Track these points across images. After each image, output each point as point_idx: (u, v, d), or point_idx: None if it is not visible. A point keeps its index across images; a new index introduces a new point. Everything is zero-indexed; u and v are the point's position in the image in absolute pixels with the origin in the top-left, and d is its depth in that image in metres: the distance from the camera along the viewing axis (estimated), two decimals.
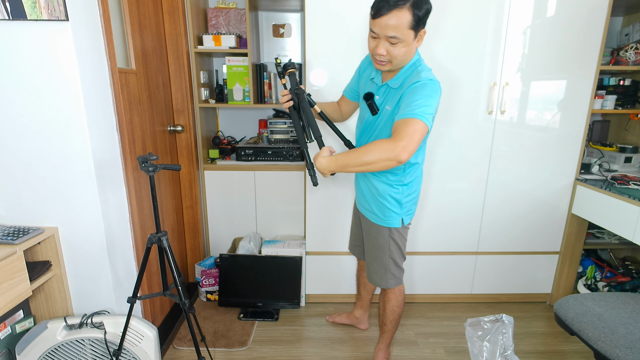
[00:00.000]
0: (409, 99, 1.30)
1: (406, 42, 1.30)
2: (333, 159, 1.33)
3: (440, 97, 1.36)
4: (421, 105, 1.26)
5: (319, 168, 1.35)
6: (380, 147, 1.23)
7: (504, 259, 2.28)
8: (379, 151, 1.23)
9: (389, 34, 1.27)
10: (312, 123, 1.47)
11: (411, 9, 1.23)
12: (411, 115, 1.24)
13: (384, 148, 1.22)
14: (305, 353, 1.92)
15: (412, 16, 1.24)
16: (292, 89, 1.52)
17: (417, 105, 1.26)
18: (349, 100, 1.72)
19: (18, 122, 1.32)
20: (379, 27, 1.28)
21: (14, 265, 1.22)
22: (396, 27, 1.25)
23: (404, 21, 1.24)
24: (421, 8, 1.25)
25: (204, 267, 2.28)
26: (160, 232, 1.39)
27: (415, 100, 1.28)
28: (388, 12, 1.24)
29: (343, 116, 1.79)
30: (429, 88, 1.31)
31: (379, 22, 1.27)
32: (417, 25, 1.27)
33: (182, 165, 2.26)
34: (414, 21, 1.25)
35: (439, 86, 1.34)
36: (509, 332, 1.35)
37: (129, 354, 1.46)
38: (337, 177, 2.12)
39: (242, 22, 2.27)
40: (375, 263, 1.66)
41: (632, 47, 2.08)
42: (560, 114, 2.05)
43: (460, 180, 2.13)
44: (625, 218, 1.79)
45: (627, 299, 1.43)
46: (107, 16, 1.44)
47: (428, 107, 1.27)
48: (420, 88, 1.31)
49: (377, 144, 1.25)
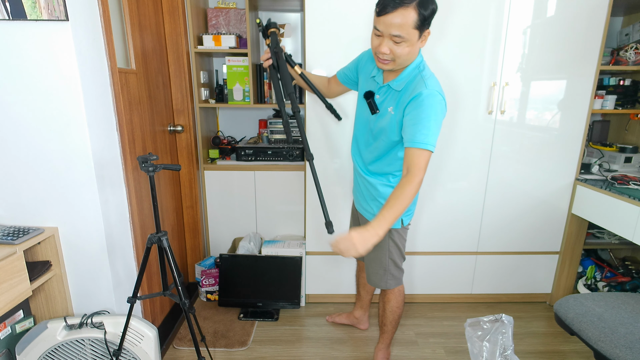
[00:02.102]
0: (417, 117, 1.30)
1: (410, 42, 1.28)
2: (374, 233, 1.22)
3: None
4: (431, 134, 1.29)
5: (365, 247, 1.20)
6: (407, 194, 1.28)
7: (503, 259, 2.28)
8: (408, 198, 1.28)
9: (393, 33, 1.25)
10: (286, 81, 1.46)
11: (417, 8, 1.21)
12: (424, 147, 1.29)
13: (411, 193, 1.29)
14: (305, 353, 1.92)
15: (418, 15, 1.22)
16: (272, 48, 1.50)
17: (427, 134, 1.29)
18: (340, 82, 1.70)
19: (18, 122, 1.32)
20: (384, 25, 1.26)
21: (14, 265, 1.22)
22: (401, 26, 1.23)
23: (409, 20, 1.22)
24: (427, 8, 1.23)
25: (204, 267, 2.28)
26: (160, 232, 1.39)
27: (424, 124, 1.29)
28: (393, 10, 1.22)
29: (329, 93, 1.76)
30: (437, 109, 1.30)
31: (384, 20, 1.25)
32: (422, 25, 1.25)
33: (182, 165, 2.26)
34: (419, 21, 1.23)
35: (445, 105, 1.34)
36: (508, 332, 1.35)
37: (129, 354, 1.46)
38: (337, 177, 2.12)
39: (242, 22, 2.27)
40: (375, 264, 1.66)
41: (632, 47, 2.08)
42: (560, 113, 2.05)
43: (460, 180, 2.14)
44: (625, 218, 1.79)
45: (627, 299, 1.43)
46: (107, 16, 1.44)
47: (437, 133, 1.31)
48: (428, 107, 1.29)
49: (403, 192, 1.28)
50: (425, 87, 1.31)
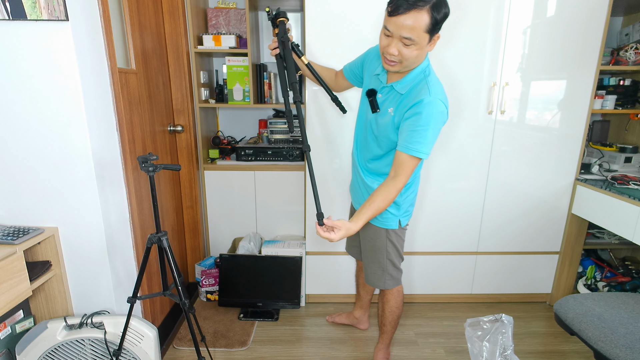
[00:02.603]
0: (415, 124, 1.29)
1: (420, 45, 1.24)
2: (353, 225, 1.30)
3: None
4: (427, 142, 1.30)
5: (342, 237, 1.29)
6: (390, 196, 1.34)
7: (504, 259, 2.28)
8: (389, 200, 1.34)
9: (403, 35, 1.22)
10: (290, 70, 1.45)
11: (430, 12, 1.18)
12: (415, 154, 1.30)
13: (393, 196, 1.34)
14: (305, 353, 1.92)
15: (430, 19, 1.19)
16: (279, 37, 1.51)
17: (422, 143, 1.29)
18: (345, 78, 1.68)
19: (18, 122, 1.32)
20: (395, 25, 1.22)
21: (14, 265, 1.22)
22: (412, 29, 1.20)
23: (421, 23, 1.19)
24: (440, 11, 1.19)
25: (204, 267, 2.28)
26: (160, 232, 1.39)
27: (421, 133, 1.28)
28: (406, 12, 1.18)
29: (336, 86, 1.75)
30: (437, 118, 1.29)
31: (395, 21, 1.21)
32: (434, 29, 1.22)
33: (182, 165, 2.26)
34: (431, 24, 1.20)
35: (446, 113, 1.33)
36: (508, 332, 1.35)
37: (129, 354, 1.46)
38: (336, 177, 2.12)
39: (242, 22, 2.27)
40: (373, 264, 1.65)
41: (632, 47, 2.08)
42: (560, 114, 2.05)
43: (460, 180, 2.14)
44: (625, 218, 1.79)
45: (627, 299, 1.43)
46: (107, 16, 1.44)
47: (433, 141, 1.32)
48: (428, 116, 1.28)
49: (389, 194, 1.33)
50: (429, 94, 1.29)
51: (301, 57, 1.59)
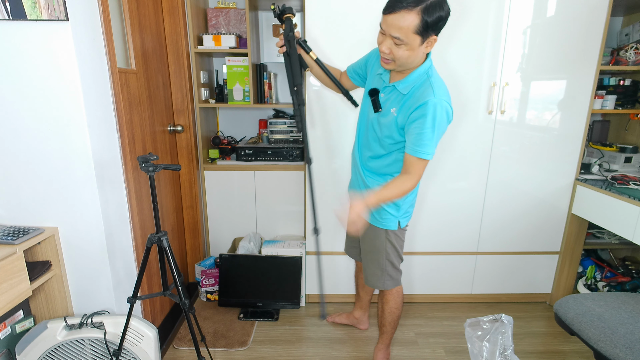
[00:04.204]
0: (422, 126, 1.31)
1: (410, 46, 1.25)
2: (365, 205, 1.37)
3: None
4: (432, 144, 1.33)
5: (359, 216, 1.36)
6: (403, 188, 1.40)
7: (503, 259, 2.28)
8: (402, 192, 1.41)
9: (393, 34, 1.23)
10: (295, 70, 1.45)
11: (420, 14, 1.18)
12: (423, 156, 1.34)
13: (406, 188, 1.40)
14: (305, 353, 1.92)
15: (420, 21, 1.19)
16: (285, 35, 1.48)
17: (429, 145, 1.32)
18: (349, 79, 1.68)
19: (18, 122, 1.32)
20: (386, 24, 1.24)
21: (14, 265, 1.22)
22: (400, 29, 1.21)
23: (409, 24, 1.19)
24: (432, 15, 1.19)
25: (204, 267, 2.28)
26: (160, 232, 1.39)
27: (428, 135, 1.31)
28: (395, 11, 1.20)
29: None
30: (442, 119, 1.31)
31: (387, 19, 1.23)
32: (425, 31, 1.22)
33: (182, 165, 2.26)
34: (421, 27, 1.20)
35: (451, 114, 1.34)
36: (508, 332, 1.35)
37: (129, 354, 1.46)
38: (336, 177, 2.12)
39: (242, 22, 2.27)
40: (372, 265, 1.65)
41: (632, 47, 2.08)
42: (560, 113, 2.05)
43: (460, 180, 2.14)
44: (625, 218, 1.79)
45: (627, 299, 1.43)
46: (107, 16, 1.44)
47: (437, 141, 1.35)
48: (433, 118, 1.29)
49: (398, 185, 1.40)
50: (433, 95, 1.29)
51: (309, 53, 1.54)
